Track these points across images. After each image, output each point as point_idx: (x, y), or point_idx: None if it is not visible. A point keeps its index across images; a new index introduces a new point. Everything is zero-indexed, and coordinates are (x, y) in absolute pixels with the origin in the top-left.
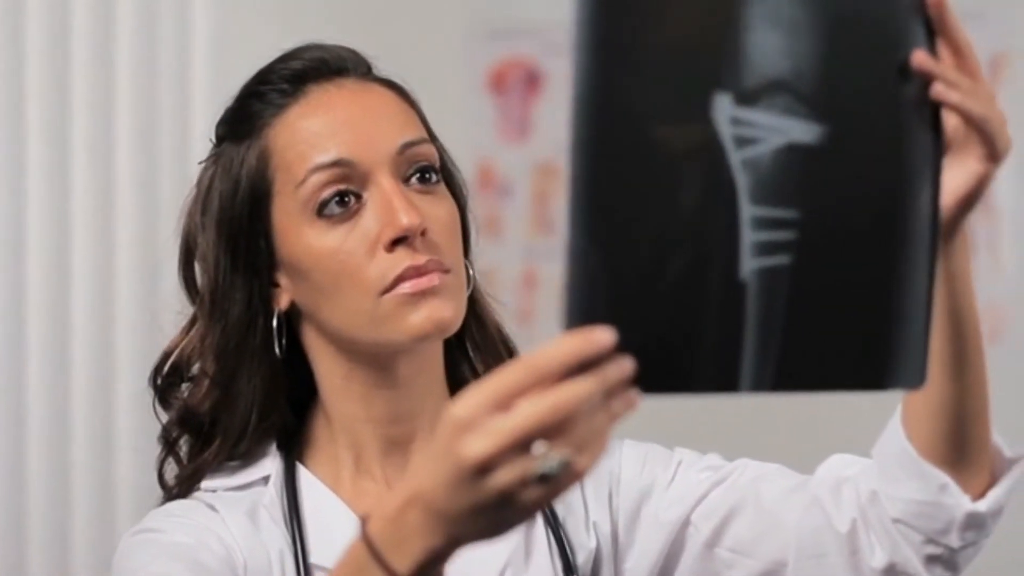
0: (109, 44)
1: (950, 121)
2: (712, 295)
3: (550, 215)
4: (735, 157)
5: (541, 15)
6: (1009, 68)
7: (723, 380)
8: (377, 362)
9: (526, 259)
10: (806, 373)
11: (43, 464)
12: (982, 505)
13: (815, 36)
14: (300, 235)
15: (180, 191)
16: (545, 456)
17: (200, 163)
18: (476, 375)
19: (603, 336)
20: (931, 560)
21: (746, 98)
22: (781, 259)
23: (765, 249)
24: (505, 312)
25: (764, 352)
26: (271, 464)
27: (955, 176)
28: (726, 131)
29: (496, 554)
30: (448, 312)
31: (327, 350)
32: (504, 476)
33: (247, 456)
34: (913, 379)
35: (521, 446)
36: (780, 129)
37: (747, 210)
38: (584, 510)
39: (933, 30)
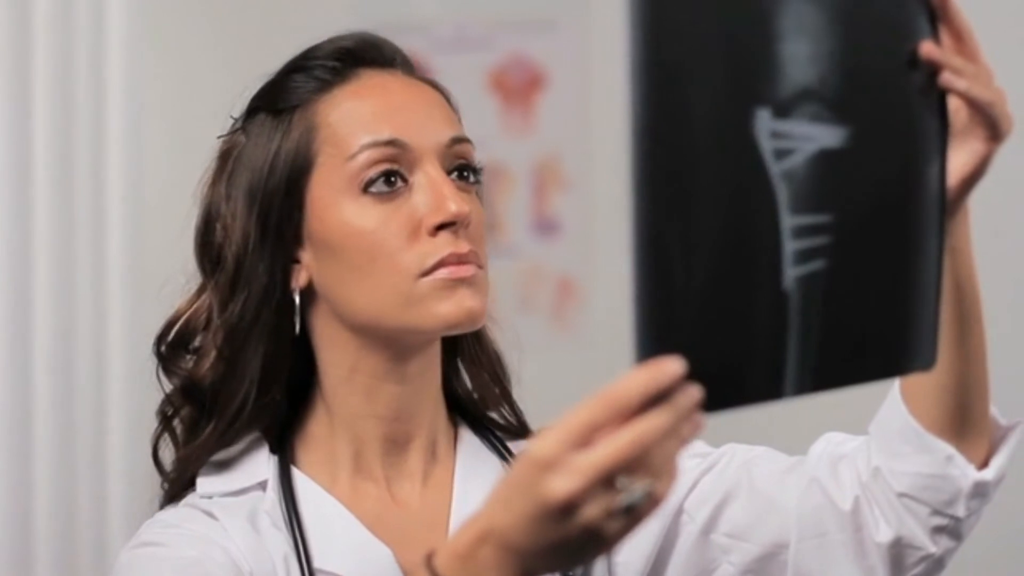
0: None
1: (952, 104)
2: (760, 309)
3: None
4: (775, 170)
5: (427, 12)
6: None
7: (771, 389)
8: (388, 353)
9: None
10: (840, 370)
11: None
12: (988, 474)
13: (833, 39)
14: (339, 209)
15: (97, 198)
16: (629, 488)
17: (219, 137)
18: (468, 378)
19: (674, 366)
20: (937, 531)
21: (782, 110)
22: (817, 264)
23: (803, 257)
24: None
25: (804, 356)
26: (266, 468)
27: (960, 156)
28: (767, 145)
29: None
30: (479, 304)
31: (338, 337)
32: (590, 512)
33: (241, 456)
34: (926, 360)
35: (606, 481)
36: (811, 137)
37: (787, 220)
38: None
39: (934, 15)
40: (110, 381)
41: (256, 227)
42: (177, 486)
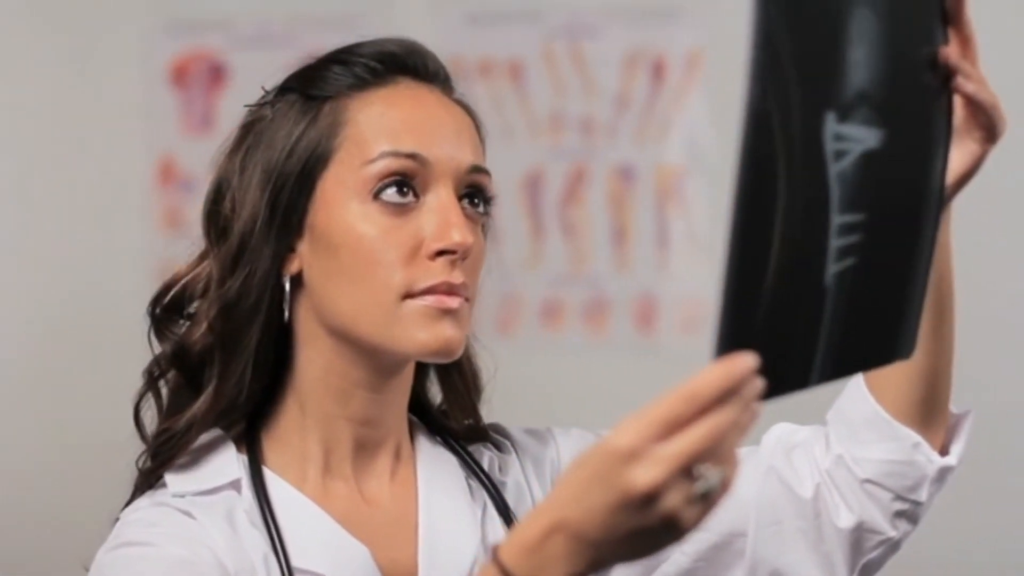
0: None
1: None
2: (806, 303)
3: None
4: (832, 171)
5: (228, 8)
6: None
7: (802, 379)
8: (365, 363)
9: None
10: (849, 359)
11: None
12: (951, 459)
13: (880, 43)
14: (346, 210)
15: None
16: (706, 475)
17: (246, 106)
18: (441, 392)
19: (749, 362)
20: (898, 516)
21: (844, 114)
22: (849, 261)
23: (841, 254)
24: None
25: (829, 348)
26: (236, 467)
27: (957, 156)
28: (830, 147)
29: (466, 547)
30: (458, 336)
31: (315, 335)
32: (671, 500)
33: (206, 455)
34: (907, 349)
35: (685, 470)
36: (861, 139)
37: (835, 219)
38: (531, 500)
39: (945, 19)
40: None
41: (266, 207)
42: (160, 460)
